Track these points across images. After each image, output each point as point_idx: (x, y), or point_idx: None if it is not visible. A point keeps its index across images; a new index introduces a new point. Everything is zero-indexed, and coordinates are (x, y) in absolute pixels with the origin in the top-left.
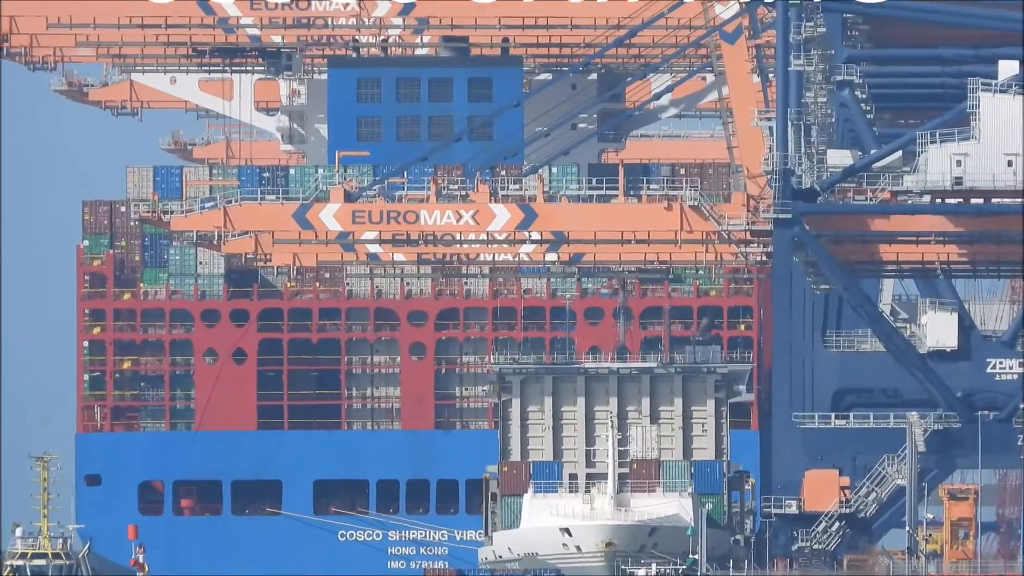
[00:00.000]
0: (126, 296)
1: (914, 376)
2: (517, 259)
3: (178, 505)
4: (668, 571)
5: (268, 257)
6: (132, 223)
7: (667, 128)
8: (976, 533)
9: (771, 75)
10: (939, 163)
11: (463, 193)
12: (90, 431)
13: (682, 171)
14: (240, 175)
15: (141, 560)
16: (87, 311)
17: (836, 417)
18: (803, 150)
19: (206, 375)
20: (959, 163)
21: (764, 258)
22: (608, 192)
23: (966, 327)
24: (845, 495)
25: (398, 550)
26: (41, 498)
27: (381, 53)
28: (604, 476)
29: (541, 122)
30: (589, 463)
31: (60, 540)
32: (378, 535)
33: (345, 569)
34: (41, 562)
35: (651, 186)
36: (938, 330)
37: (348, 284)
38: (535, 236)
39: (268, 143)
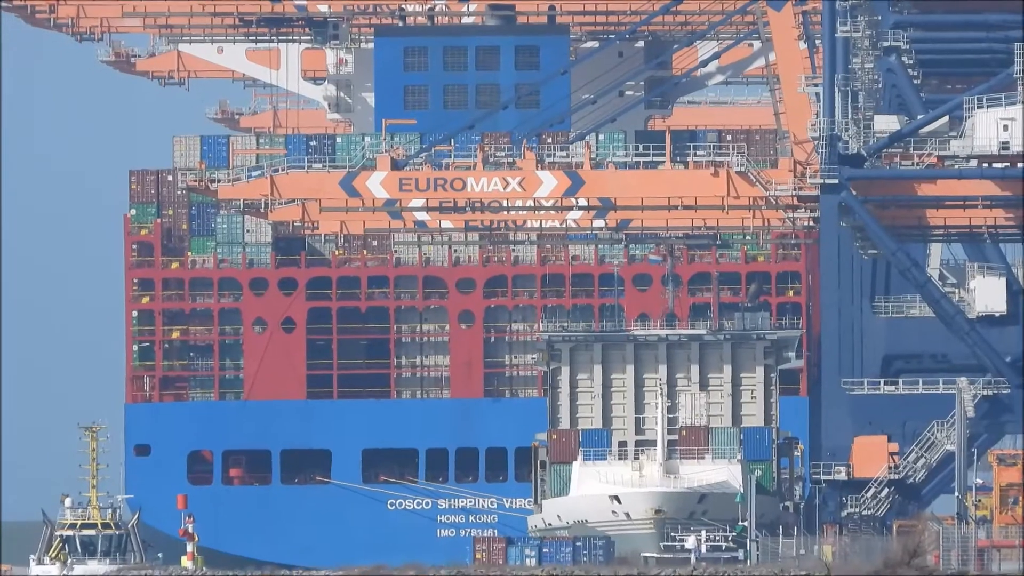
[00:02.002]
0: (174, 265)
1: (963, 341)
2: (564, 226)
3: (227, 475)
4: (717, 538)
5: (315, 225)
6: (179, 192)
7: (714, 95)
8: None
9: (818, 41)
10: (986, 128)
11: (510, 160)
12: (139, 401)
13: (729, 137)
14: (287, 144)
15: (190, 530)
16: (135, 280)
17: (885, 383)
18: (850, 116)
19: (255, 344)
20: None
21: (811, 223)
22: (655, 159)
23: (1014, 292)
24: (894, 461)
25: (447, 518)
26: (90, 468)
27: (427, 22)
28: (653, 443)
29: (588, 90)
30: (638, 430)
31: (109, 510)
32: (427, 504)
33: (394, 538)
34: (91, 532)
35: (698, 152)
36: (987, 295)
37: (396, 252)
38: (582, 203)
39: (315, 112)
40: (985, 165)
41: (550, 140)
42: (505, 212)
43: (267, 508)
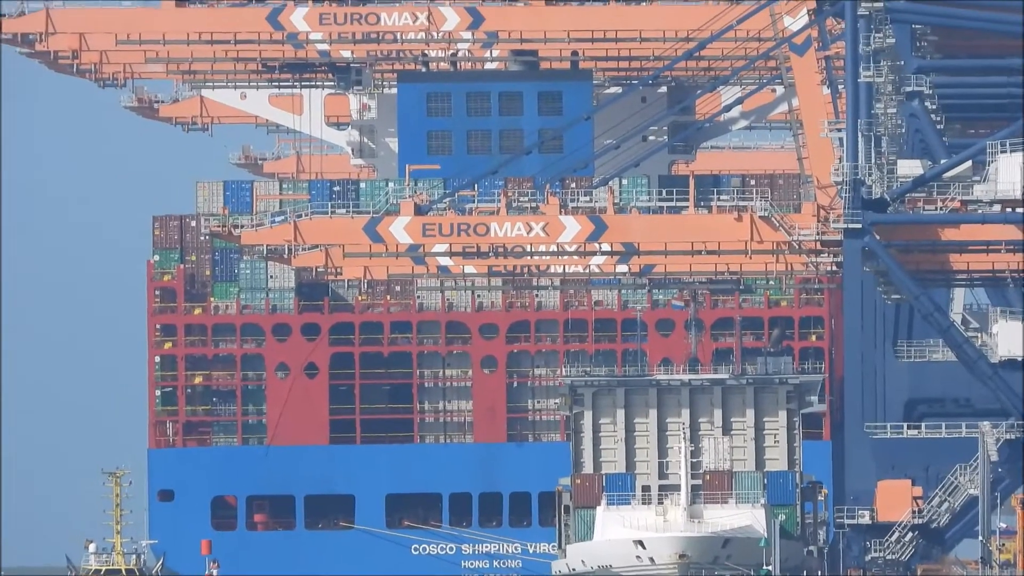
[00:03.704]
0: (197, 311)
1: (986, 385)
2: (588, 271)
3: (251, 520)
4: None
5: (339, 271)
6: (202, 238)
7: (737, 140)
8: None
9: (841, 86)
10: (1009, 172)
11: (533, 205)
12: (162, 446)
13: (752, 182)
14: (310, 189)
15: (215, 575)
16: (158, 326)
17: (908, 427)
18: (873, 160)
19: (278, 390)
20: None
21: (834, 268)
22: (678, 203)
23: None
24: (918, 505)
25: (471, 563)
26: (114, 514)
27: (450, 67)
28: (677, 488)
29: (611, 135)
30: (662, 475)
31: (133, 556)
32: (451, 548)
33: None
34: None
35: (721, 197)
36: (1009, 339)
37: (419, 297)
38: (605, 247)
39: (338, 157)
40: (1009, 210)
41: (573, 185)
42: (528, 257)
43: (291, 553)
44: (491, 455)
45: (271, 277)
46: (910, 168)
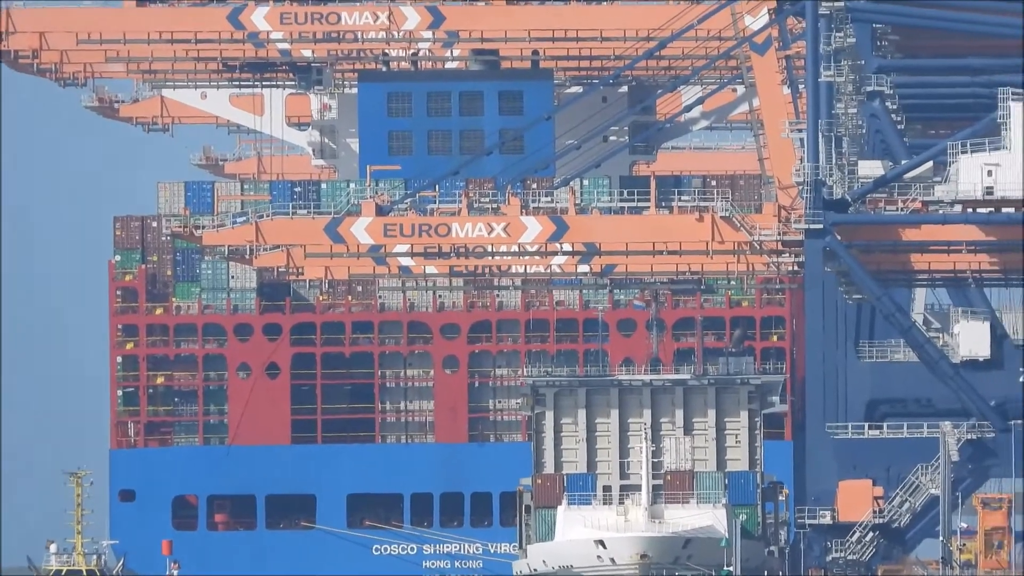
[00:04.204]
0: (158, 311)
1: (947, 385)
2: (549, 271)
3: (212, 520)
4: None
5: (300, 271)
6: (164, 238)
7: (698, 140)
8: (1010, 542)
9: (801, 86)
10: (970, 173)
11: (494, 206)
12: (124, 447)
13: (713, 182)
14: (271, 190)
15: (176, 575)
16: (120, 326)
17: (869, 427)
18: (834, 161)
19: (239, 390)
20: (990, 173)
21: (796, 268)
22: (639, 204)
23: (999, 336)
24: (879, 505)
25: (432, 563)
26: (75, 514)
27: (411, 67)
28: (638, 488)
29: (572, 135)
30: (623, 475)
31: (95, 556)
32: (412, 549)
33: None
34: None
35: (682, 197)
36: (971, 339)
37: (380, 297)
38: (567, 248)
39: (299, 158)
40: (969, 210)
41: (535, 185)
42: (490, 257)
43: (252, 553)
44: (453, 455)
45: (232, 277)
46: (871, 168)
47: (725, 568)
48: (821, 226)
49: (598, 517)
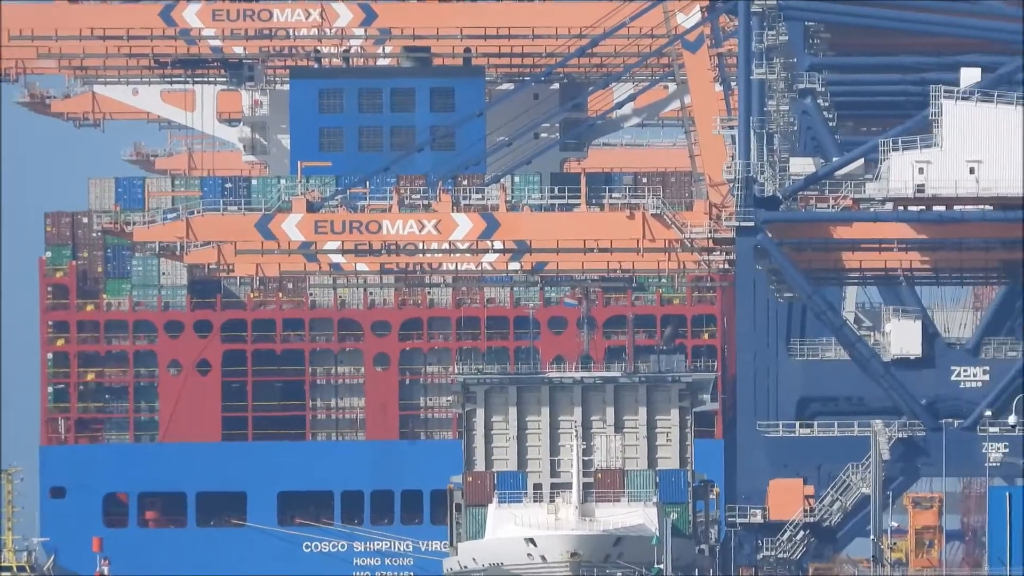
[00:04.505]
0: (89, 307)
1: (878, 384)
2: (480, 268)
3: (143, 517)
4: None
5: (231, 268)
6: (95, 234)
7: (629, 137)
8: (941, 541)
9: (733, 83)
10: (902, 170)
11: (425, 203)
12: (54, 443)
13: (644, 180)
14: (202, 186)
15: (106, 572)
16: (50, 323)
17: (800, 426)
18: (765, 158)
19: (170, 386)
20: (921, 170)
21: (727, 266)
22: (570, 201)
23: (930, 335)
24: (809, 504)
25: (363, 561)
26: (5, 511)
27: (343, 63)
28: (568, 486)
29: (503, 132)
30: (553, 473)
31: (24, 553)
32: (343, 546)
33: None
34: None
35: (613, 195)
36: (902, 338)
37: (311, 294)
38: (498, 245)
39: (230, 154)
40: (901, 208)
41: (465, 182)
42: (420, 255)
43: (182, 551)
44: (383, 453)
45: (163, 274)
46: (802, 166)
47: (655, 566)
48: (752, 224)
49: (529, 515)
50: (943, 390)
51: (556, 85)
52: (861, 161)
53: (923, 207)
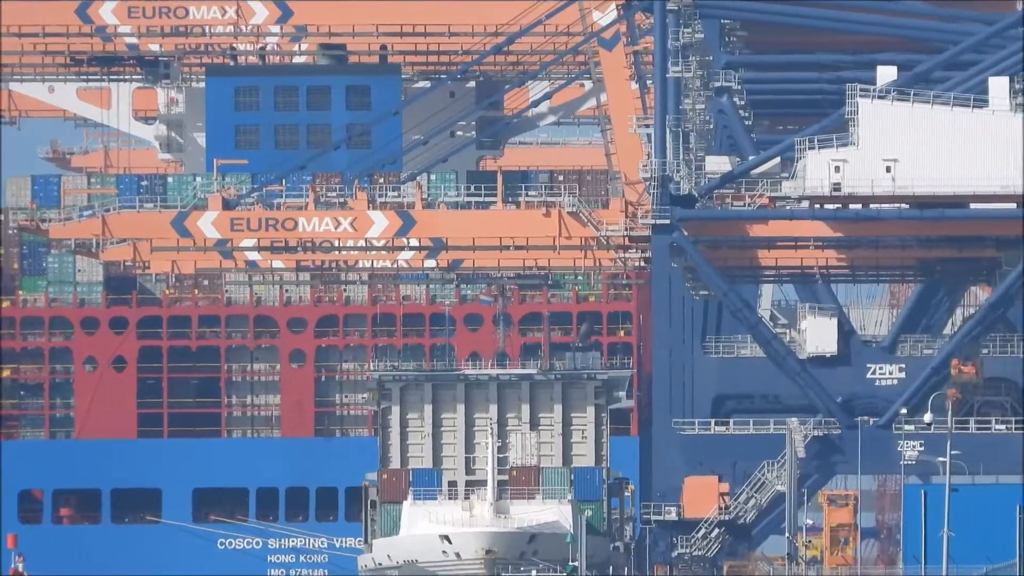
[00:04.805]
0: (5, 304)
1: (794, 382)
2: (396, 266)
3: (57, 514)
4: None
5: (146, 265)
6: (10, 231)
7: (545, 135)
8: (856, 539)
9: (649, 82)
10: (818, 169)
11: (341, 200)
12: None
13: (560, 177)
14: (118, 183)
15: (20, 569)
16: None
17: (716, 423)
18: (681, 156)
19: (86, 383)
20: (838, 169)
21: (643, 264)
22: (486, 199)
23: (846, 332)
24: (724, 501)
25: (277, 558)
26: None
27: (259, 61)
28: (484, 483)
29: (419, 130)
30: (469, 470)
31: None
32: (257, 543)
33: None
34: None
35: (529, 192)
36: (818, 336)
37: (227, 291)
38: (413, 243)
39: (146, 152)
40: (817, 206)
41: (381, 180)
42: (336, 252)
43: (97, 547)
44: (298, 450)
45: (79, 271)
46: (718, 164)
47: (570, 564)
48: (668, 222)
49: (443, 512)
50: (859, 388)
51: (472, 83)
52: (777, 159)
53: (839, 205)
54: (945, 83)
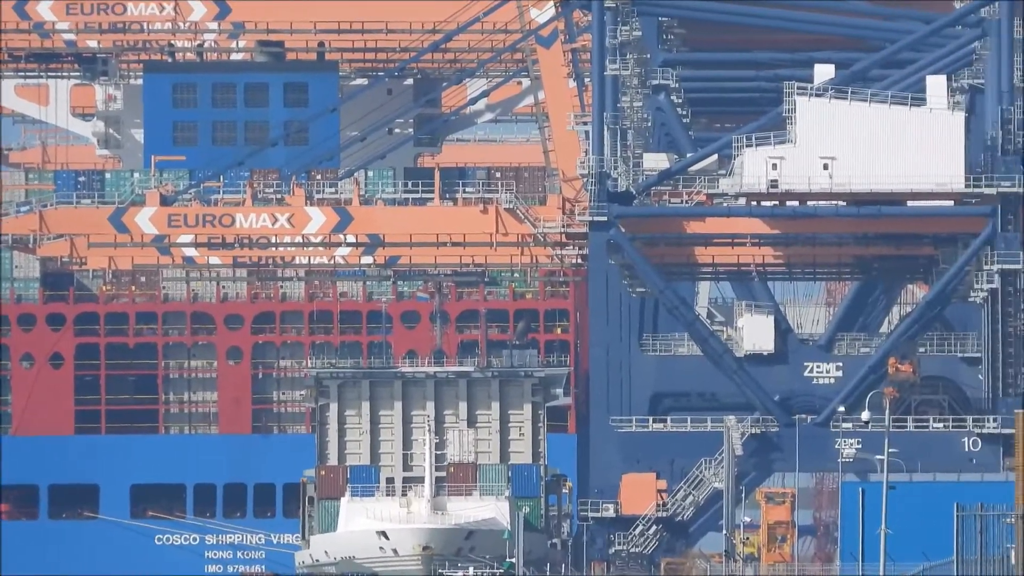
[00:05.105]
0: None
1: (731, 380)
2: (333, 262)
3: None
4: (485, 574)
5: (83, 261)
6: None
7: (483, 132)
8: (793, 536)
9: (587, 79)
10: (755, 166)
11: (279, 197)
12: None
13: (498, 174)
14: (56, 179)
15: None
16: None
17: (653, 421)
18: (619, 154)
19: (23, 379)
20: (775, 166)
21: (580, 261)
22: (424, 196)
23: (783, 330)
24: (662, 498)
25: (215, 554)
26: None
27: (197, 58)
28: (421, 480)
29: (357, 127)
30: (406, 467)
31: None
32: (195, 539)
33: (162, 573)
34: None
35: (467, 189)
36: (755, 333)
37: (164, 288)
38: (351, 239)
39: (84, 148)
40: (754, 203)
41: (319, 177)
42: (274, 248)
43: (34, 543)
44: (236, 446)
45: (16, 267)
46: (656, 161)
47: (507, 560)
48: (605, 219)
49: (381, 508)
50: (796, 386)
51: (410, 80)
52: (715, 157)
53: (776, 203)
54: (883, 81)
